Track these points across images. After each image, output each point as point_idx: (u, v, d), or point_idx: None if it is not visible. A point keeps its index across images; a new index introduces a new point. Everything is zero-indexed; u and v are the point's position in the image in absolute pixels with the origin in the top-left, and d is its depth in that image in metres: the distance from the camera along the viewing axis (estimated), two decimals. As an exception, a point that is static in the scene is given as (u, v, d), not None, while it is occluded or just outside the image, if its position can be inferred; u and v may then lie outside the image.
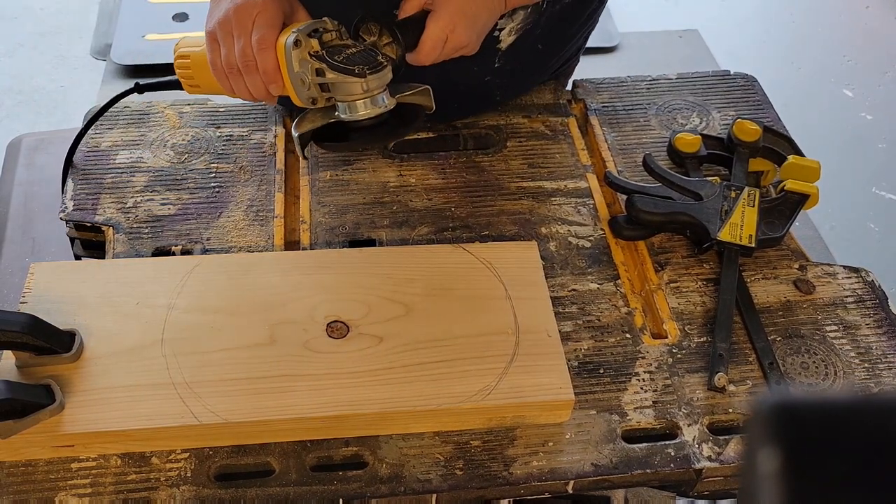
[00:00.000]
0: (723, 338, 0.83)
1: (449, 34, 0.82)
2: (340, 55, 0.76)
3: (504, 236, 0.93)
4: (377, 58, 0.77)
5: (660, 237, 0.94)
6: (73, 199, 0.94)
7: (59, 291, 0.80)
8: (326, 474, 0.73)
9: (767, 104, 1.11)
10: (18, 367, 0.74)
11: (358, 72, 0.76)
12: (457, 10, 0.82)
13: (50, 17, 2.58)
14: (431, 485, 0.73)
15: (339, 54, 0.76)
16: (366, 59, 0.77)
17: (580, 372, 0.81)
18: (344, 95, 0.78)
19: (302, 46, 0.76)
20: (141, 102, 1.07)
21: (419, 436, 0.76)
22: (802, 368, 0.83)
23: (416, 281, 0.83)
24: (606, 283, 0.89)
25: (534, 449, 0.76)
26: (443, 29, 0.81)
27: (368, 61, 0.77)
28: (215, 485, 0.72)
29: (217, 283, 0.82)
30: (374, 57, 0.77)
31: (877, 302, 0.89)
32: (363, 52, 0.78)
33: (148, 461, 0.73)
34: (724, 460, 0.75)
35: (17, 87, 2.37)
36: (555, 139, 1.05)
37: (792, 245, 0.95)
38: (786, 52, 2.61)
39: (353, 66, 0.76)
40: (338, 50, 0.77)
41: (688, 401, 0.80)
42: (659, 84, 1.13)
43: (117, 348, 0.76)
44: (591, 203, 0.98)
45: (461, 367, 0.77)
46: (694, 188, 0.93)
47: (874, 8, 2.76)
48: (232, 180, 0.97)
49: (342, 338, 0.78)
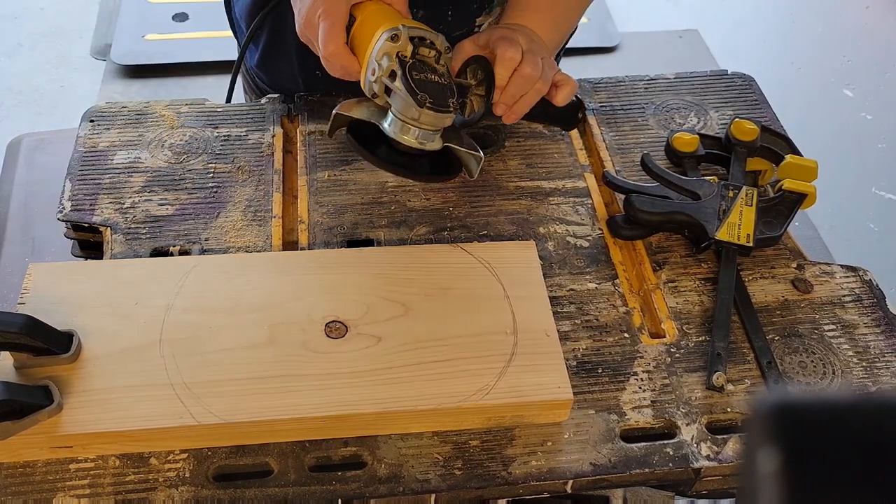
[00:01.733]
0: (721, 337, 0.84)
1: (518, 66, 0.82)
2: (420, 74, 0.74)
3: (502, 236, 0.93)
4: (449, 99, 0.75)
5: (658, 237, 0.94)
6: (71, 200, 0.94)
7: (57, 292, 0.80)
8: (325, 474, 0.73)
9: (765, 104, 1.11)
10: (16, 368, 0.74)
11: (419, 99, 0.73)
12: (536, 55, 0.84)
13: (50, 17, 2.58)
14: (430, 485, 0.73)
15: (420, 72, 0.74)
16: (437, 94, 0.74)
17: (578, 371, 0.81)
18: (398, 110, 0.76)
19: (397, 42, 0.73)
20: (138, 102, 1.07)
21: (418, 436, 0.76)
22: (800, 367, 0.83)
23: (415, 281, 0.83)
24: (604, 283, 0.90)
25: (532, 449, 0.76)
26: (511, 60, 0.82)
27: (438, 97, 0.74)
28: (214, 485, 0.72)
29: (215, 284, 0.82)
30: (447, 96, 0.75)
31: (875, 301, 0.89)
32: (443, 86, 0.75)
33: (146, 462, 0.73)
34: (723, 459, 0.76)
35: (17, 87, 2.37)
36: (553, 139, 1.05)
37: (790, 244, 0.95)
38: (785, 52, 2.61)
39: (421, 91, 0.73)
40: (423, 68, 0.74)
41: (686, 400, 0.80)
42: (657, 84, 1.13)
43: (115, 349, 0.76)
44: (589, 203, 0.98)
45: (460, 367, 0.77)
46: (692, 188, 0.93)
47: (874, 8, 2.76)
48: (230, 180, 0.97)
49: (341, 338, 0.78)
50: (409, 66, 0.74)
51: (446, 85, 0.75)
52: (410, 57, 0.74)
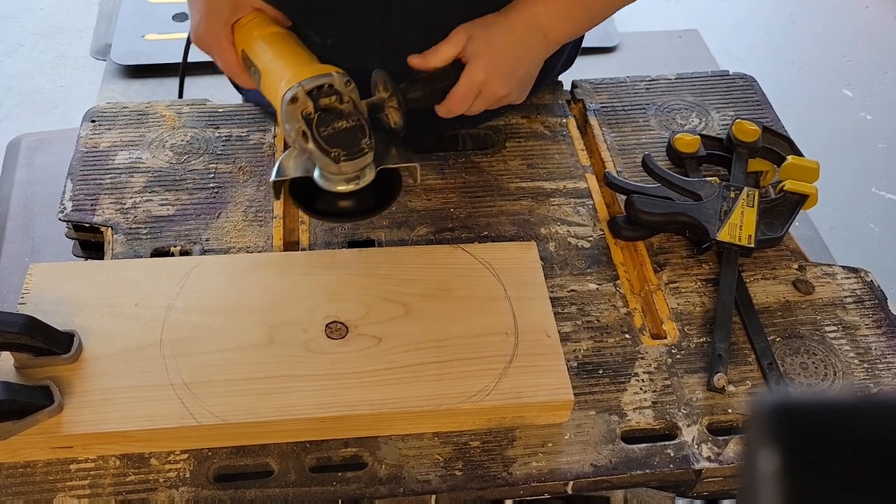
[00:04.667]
0: (722, 338, 0.83)
1: (482, 86, 0.82)
2: (328, 127, 0.74)
3: (503, 237, 0.93)
4: (362, 140, 0.75)
5: (659, 237, 0.94)
6: (72, 200, 0.94)
7: (57, 292, 0.80)
8: (326, 475, 0.73)
9: (766, 104, 1.11)
10: (17, 368, 0.74)
11: (333, 157, 0.74)
12: (490, 61, 0.81)
13: (50, 17, 2.58)
14: (431, 486, 0.73)
15: (327, 125, 0.74)
16: (349, 141, 0.74)
17: (579, 372, 0.81)
18: (319, 167, 0.77)
19: (297, 104, 0.73)
20: (140, 103, 1.07)
21: (418, 436, 0.76)
22: (802, 369, 0.83)
23: (415, 281, 0.83)
24: (606, 284, 0.89)
25: (533, 450, 0.76)
26: (473, 82, 0.81)
27: (351, 145, 0.74)
28: (214, 486, 0.72)
29: (216, 284, 0.82)
30: (359, 138, 0.75)
31: (876, 302, 0.89)
32: (354, 129, 0.75)
33: (147, 462, 0.73)
34: (724, 461, 0.75)
35: (17, 87, 2.37)
36: (554, 139, 1.05)
37: (791, 245, 0.95)
38: (786, 52, 2.61)
39: (333, 147, 0.74)
40: (329, 118, 0.74)
41: (687, 401, 0.80)
42: (658, 84, 1.13)
43: (116, 349, 0.76)
44: (590, 203, 0.98)
45: (460, 368, 0.77)
46: (693, 188, 0.93)
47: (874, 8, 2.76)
48: (231, 181, 0.97)
49: (341, 338, 0.78)
50: (316, 122, 0.73)
51: (356, 126, 0.75)
52: (314, 111, 0.74)
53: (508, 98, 0.85)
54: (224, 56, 0.85)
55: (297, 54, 0.80)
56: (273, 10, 0.85)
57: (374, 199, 0.82)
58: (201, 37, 0.85)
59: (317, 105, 0.74)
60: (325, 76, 0.74)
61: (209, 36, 0.84)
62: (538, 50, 0.87)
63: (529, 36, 0.85)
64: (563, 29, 0.87)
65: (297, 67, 0.77)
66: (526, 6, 0.84)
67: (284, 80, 0.75)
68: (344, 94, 0.75)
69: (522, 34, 0.84)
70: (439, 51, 0.82)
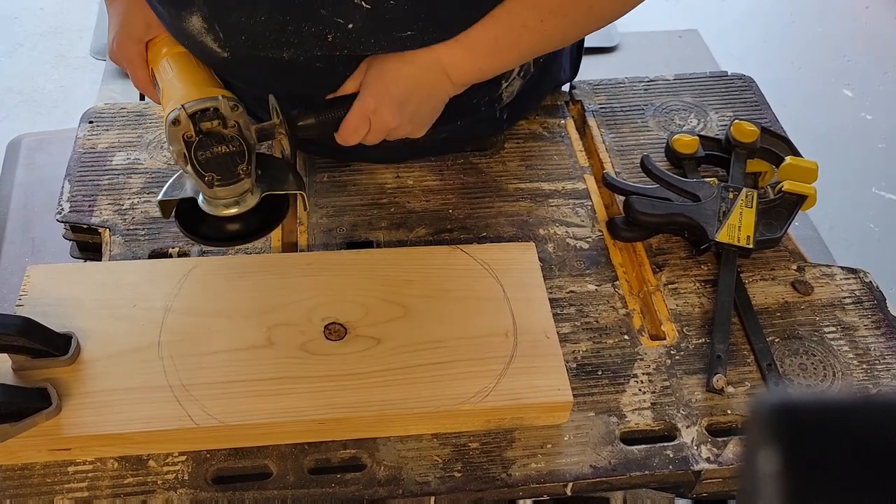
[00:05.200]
0: (721, 339, 0.83)
1: (371, 115, 0.78)
2: (206, 151, 0.73)
3: (502, 238, 0.93)
4: (239, 167, 0.74)
5: (658, 238, 0.94)
6: (70, 201, 0.94)
7: (55, 294, 0.80)
8: (324, 477, 0.73)
9: (765, 105, 1.11)
10: (15, 370, 0.74)
11: (207, 181, 0.74)
12: (380, 90, 0.78)
13: (50, 17, 2.58)
14: (430, 487, 0.73)
15: (205, 149, 0.73)
16: (225, 167, 0.74)
17: (578, 373, 0.81)
18: (199, 190, 0.77)
19: (179, 126, 0.72)
20: (138, 104, 1.07)
21: (417, 438, 0.76)
22: (801, 370, 0.83)
23: (414, 282, 0.83)
24: (604, 285, 0.89)
25: (532, 451, 0.75)
26: (362, 111, 0.78)
27: (226, 170, 0.74)
28: (213, 488, 0.72)
29: (214, 286, 0.82)
30: (236, 164, 0.74)
31: (875, 303, 0.89)
32: (231, 154, 0.74)
33: (145, 464, 0.73)
34: (723, 462, 0.75)
35: (17, 87, 2.36)
36: (552, 140, 1.05)
37: (790, 246, 0.94)
38: (785, 52, 2.61)
39: (208, 172, 0.74)
40: (209, 143, 0.73)
41: (686, 402, 0.79)
42: (656, 85, 1.13)
43: (114, 351, 0.76)
44: (588, 204, 0.97)
45: (459, 369, 0.77)
46: (692, 189, 0.93)
47: (874, 8, 2.76)
48: (230, 182, 0.97)
49: (340, 340, 0.78)
50: (195, 146, 0.73)
51: (235, 151, 0.74)
52: (195, 135, 0.73)
53: (401, 130, 0.81)
54: (135, 73, 0.84)
55: (194, 75, 0.79)
56: None
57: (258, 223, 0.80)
58: (115, 53, 0.84)
59: (197, 129, 0.73)
60: (210, 100, 0.73)
61: (122, 53, 0.83)
62: (439, 86, 0.81)
63: (429, 71, 0.80)
64: (466, 73, 0.82)
65: (187, 89, 0.76)
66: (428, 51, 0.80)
67: (172, 100, 0.75)
68: (229, 118, 0.74)
69: (422, 68, 0.80)
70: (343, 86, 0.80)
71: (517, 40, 0.80)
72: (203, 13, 0.77)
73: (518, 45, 0.81)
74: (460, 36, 0.79)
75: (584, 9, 0.80)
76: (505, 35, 0.79)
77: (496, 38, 0.79)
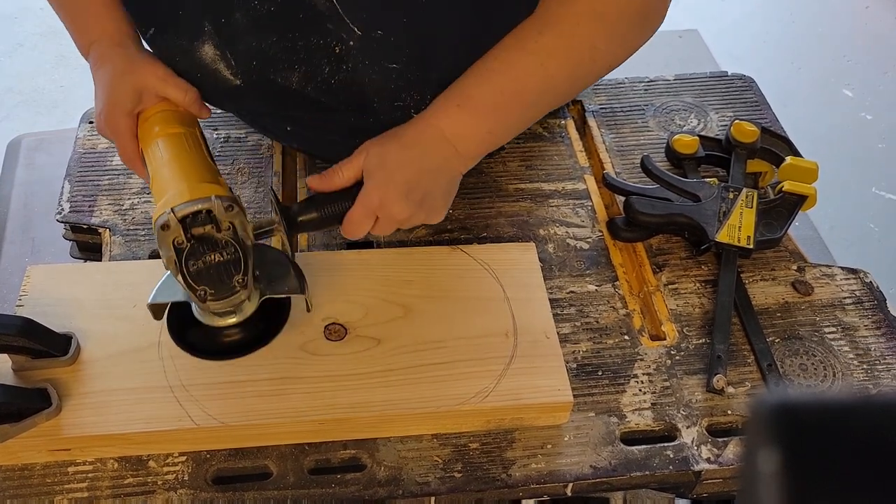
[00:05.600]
0: (721, 339, 0.83)
1: (377, 210, 0.73)
2: (198, 260, 0.67)
3: (502, 238, 0.93)
4: (234, 278, 0.68)
5: (658, 239, 0.94)
6: (70, 201, 0.94)
7: (55, 294, 0.80)
8: (324, 477, 0.73)
9: (765, 105, 1.11)
10: (15, 370, 0.74)
11: (199, 295, 0.68)
12: (382, 181, 0.73)
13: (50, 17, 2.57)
14: (430, 487, 0.73)
15: (197, 258, 0.67)
16: (218, 279, 0.68)
17: (579, 374, 0.81)
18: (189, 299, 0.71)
19: (168, 231, 0.67)
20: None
21: (417, 438, 0.76)
22: (801, 370, 0.83)
23: (414, 283, 0.83)
24: (605, 285, 0.89)
25: (532, 451, 0.75)
26: (367, 206, 0.73)
27: (219, 283, 0.68)
28: (213, 488, 0.72)
29: (214, 286, 0.82)
30: (231, 275, 0.68)
31: (875, 303, 0.89)
32: (226, 264, 0.68)
33: (145, 465, 0.73)
34: (723, 462, 0.75)
35: (17, 87, 2.37)
36: (552, 141, 1.05)
37: (790, 246, 0.94)
38: (786, 52, 2.61)
39: (200, 285, 0.68)
40: (202, 250, 0.68)
41: (686, 403, 0.79)
42: (656, 85, 1.13)
43: (114, 351, 0.76)
44: (589, 205, 0.97)
45: (459, 369, 0.77)
46: (692, 189, 0.93)
47: (874, 8, 2.76)
48: (229, 182, 0.97)
49: (340, 340, 0.78)
50: (186, 253, 0.67)
51: (230, 260, 0.68)
52: (186, 241, 0.67)
53: (415, 219, 0.76)
54: (123, 147, 0.78)
55: (185, 166, 0.73)
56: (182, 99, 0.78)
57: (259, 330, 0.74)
58: (102, 127, 0.78)
59: (188, 234, 0.67)
60: (202, 201, 0.67)
61: (110, 127, 0.77)
62: (448, 165, 0.77)
63: (435, 149, 0.75)
64: (474, 140, 0.77)
65: (178, 186, 0.70)
66: (430, 118, 0.76)
67: (161, 200, 0.69)
68: (223, 220, 0.68)
69: (427, 148, 0.75)
70: (339, 171, 0.75)
71: (521, 89, 0.76)
72: (214, 41, 0.76)
73: (523, 95, 0.76)
74: (461, 100, 0.75)
75: (587, 48, 0.76)
76: (510, 84, 0.75)
77: (501, 91, 0.75)
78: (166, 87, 0.77)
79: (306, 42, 0.75)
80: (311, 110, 0.82)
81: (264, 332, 0.75)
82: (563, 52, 0.75)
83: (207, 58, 0.77)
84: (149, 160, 0.76)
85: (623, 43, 0.79)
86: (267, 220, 0.73)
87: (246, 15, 0.73)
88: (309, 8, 0.71)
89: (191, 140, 0.77)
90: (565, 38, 0.75)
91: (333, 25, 0.73)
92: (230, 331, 0.73)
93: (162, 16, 0.77)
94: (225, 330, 0.73)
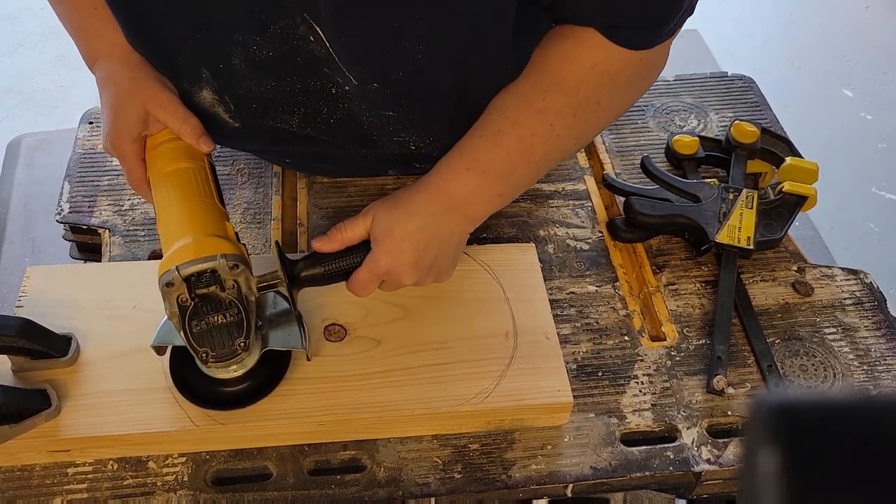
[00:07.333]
0: (721, 340, 0.83)
1: (384, 276, 0.74)
2: (201, 321, 0.67)
3: (502, 238, 0.93)
4: (237, 340, 0.67)
5: (658, 239, 0.94)
6: (69, 202, 0.94)
7: (54, 295, 0.80)
8: (324, 478, 0.73)
9: (765, 105, 1.11)
10: (14, 371, 0.74)
11: (201, 357, 0.67)
12: (391, 250, 0.72)
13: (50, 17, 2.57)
14: (430, 488, 0.73)
15: (201, 318, 0.67)
16: (221, 341, 0.67)
17: (579, 375, 0.81)
18: None
19: (173, 288, 0.67)
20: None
21: (417, 439, 0.76)
22: (801, 371, 0.83)
23: (414, 283, 0.83)
24: (605, 286, 0.89)
25: (532, 452, 0.75)
26: (373, 271, 0.73)
27: (222, 346, 0.67)
28: (212, 489, 0.72)
29: (214, 287, 0.82)
30: (234, 338, 0.67)
31: (875, 304, 0.89)
32: (229, 326, 0.67)
33: (145, 466, 0.73)
34: (724, 463, 0.75)
35: (17, 87, 2.37)
36: (553, 141, 1.05)
37: (790, 247, 0.94)
38: (786, 53, 2.61)
39: (202, 347, 0.67)
40: (205, 310, 0.67)
41: (686, 403, 0.79)
42: (656, 86, 1.13)
43: (114, 352, 0.76)
44: (589, 205, 0.97)
45: (459, 370, 0.77)
46: (692, 190, 0.93)
47: (874, 8, 2.76)
48: (229, 183, 0.97)
49: (340, 341, 0.78)
50: (189, 313, 0.67)
51: (233, 323, 0.68)
52: (190, 299, 0.67)
53: (423, 283, 0.77)
54: (130, 171, 0.77)
55: (193, 211, 0.72)
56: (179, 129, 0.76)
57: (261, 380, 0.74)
58: (108, 149, 0.78)
59: (192, 294, 0.67)
60: (207, 260, 0.67)
61: (116, 151, 0.77)
62: (456, 231, 0.76)
63: (445, 217, 0.75)
64: (484, 203, 0.77)
65: (184, 238, 0.69)
66: (438, 181, 0.75)
67: (167, 253, 0.69)
68: (227, 279, 0.67)
69: (436, 215, 0.74)
70: (344, 232, 0.74)
71: (530, 150, 0.75)
72: (213, 86, 0.76)
73: (532, 155, 0.75)
74: (470, 163, 0.74)
75: (593, 105, 0.75)
76: (518, 145, 0.74)
77: (509, 153, 0.74)
78: (167, 117, 0.76)
79: (304, 86, 0.75)
80: (311, 146, 0.83)
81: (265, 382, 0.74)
82: (570, 111, 0.75)
83: (206, 102, 0.77)
84: (155, 195, 0.75)
85: (625, 96, 0.79)
86: (271, 274, 0.71)
87: (243, 61, 0.72)
88: (306, 53, 0.70)
89: (199, 176, 0.75)
90: (571, 95, 0.74)
91: (330, 70, 0.72)
92: (231, 382, 0.72)
93: (162, 61, 0.77)
94: (226, 380, 0.72)
